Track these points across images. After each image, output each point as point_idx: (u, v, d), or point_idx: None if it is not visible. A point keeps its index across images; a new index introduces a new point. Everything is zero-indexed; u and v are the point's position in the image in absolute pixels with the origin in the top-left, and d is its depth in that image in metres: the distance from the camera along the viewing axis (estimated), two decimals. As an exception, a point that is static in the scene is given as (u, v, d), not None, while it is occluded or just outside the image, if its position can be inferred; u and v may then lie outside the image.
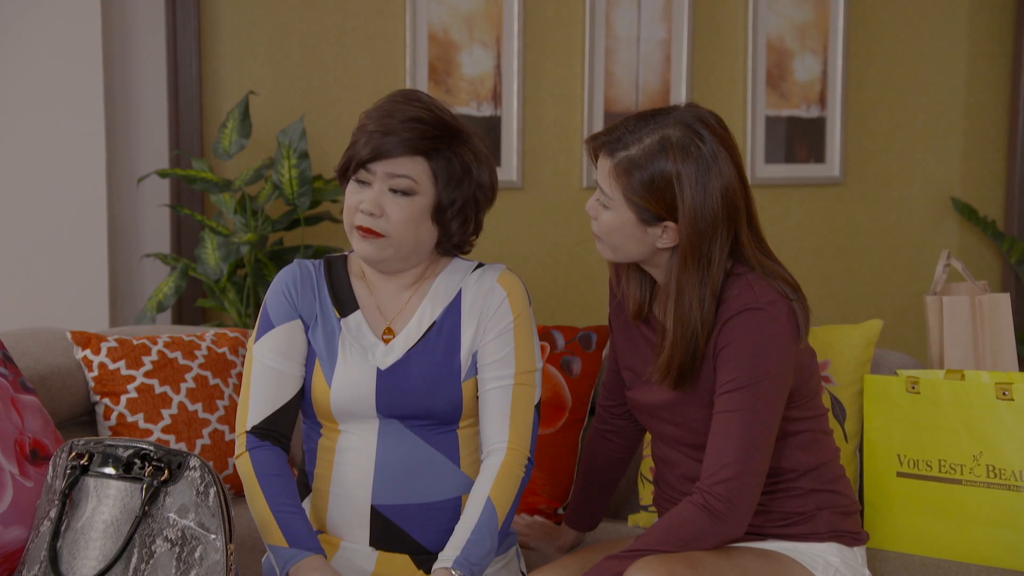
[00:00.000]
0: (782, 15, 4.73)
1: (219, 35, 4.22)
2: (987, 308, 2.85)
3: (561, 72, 4.54)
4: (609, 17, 4.55)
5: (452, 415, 2.41)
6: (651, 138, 2.26)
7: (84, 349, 2.97)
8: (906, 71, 4.92)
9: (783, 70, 4.75)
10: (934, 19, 4.93)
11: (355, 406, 2.40)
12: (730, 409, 2.25)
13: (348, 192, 2.41)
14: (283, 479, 2.39)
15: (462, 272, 2.48)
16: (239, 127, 3.94)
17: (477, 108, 4.44)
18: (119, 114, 4.12)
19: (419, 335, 2.42)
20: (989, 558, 2.67)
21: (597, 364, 3.05)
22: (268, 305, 2.46)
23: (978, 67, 4.97)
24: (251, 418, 2.42)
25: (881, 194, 4.94)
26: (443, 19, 4.40)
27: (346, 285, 2.48)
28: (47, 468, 2.56)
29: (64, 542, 2.33)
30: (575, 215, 4.59)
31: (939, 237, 5.00)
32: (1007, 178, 5.01)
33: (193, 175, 3.89)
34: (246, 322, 3.97)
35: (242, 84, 4.24)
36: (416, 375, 2.39)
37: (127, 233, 4.17)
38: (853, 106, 4.86)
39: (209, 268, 3.90)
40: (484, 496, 2.35)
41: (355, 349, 2.42)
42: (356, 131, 2.39)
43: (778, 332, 2.27)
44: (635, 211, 2.29)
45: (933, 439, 2.72)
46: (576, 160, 4.58)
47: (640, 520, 2.96)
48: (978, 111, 5.00)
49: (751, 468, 2.24)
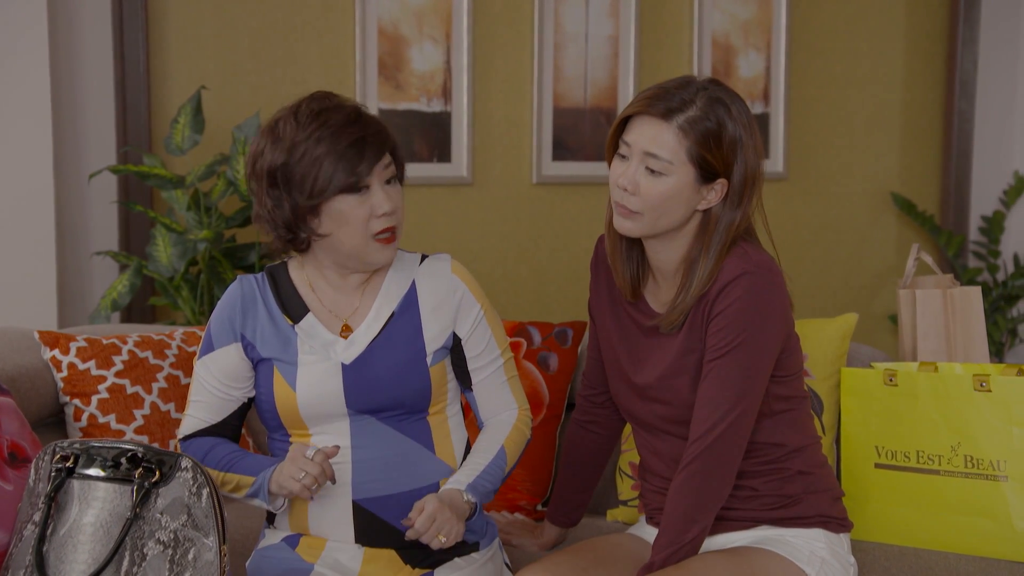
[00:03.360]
0: (727, 12, 4.77)
1: (166, 30, 4.16)
2: (959, 301, 2.90)
3: (510, 67, 4.54)
4: (558, 13, 4.55)
5: (422, 403, 2.43)
6: (702, 100, 2.33)
7: (52, 349, 2.91)
8: (846, 68, 4.99)
9: (728, 67, 4.79)
10: (873, 18, 5.00)
11: (324, 405, 2.39)
12: (724, 365, 2.32)
13: (356, 203, 2.36)
14: (220, 445, 2.47)
15: (410, 265, 2.51)
16: (191, 122, 3.89)
17: (427, 103, 4.43)
18: (66, 110, 4.04)
19: (379, 327, 2.43)
20: (967, 547, 2.72)
21: (574, 360, 3.05)
22: (211, 326, 2.49)
23: (914, 65, 5.06)
24: (184, 431, 2.52)
25: (823, 189, 5.00)
26: (393, 14, 4.37)
27: (292, 292, 2.48)
28: (26, 471, 2.50)
29: (51, 546, 2.28)
30: (525, 210, 4.59)
31: (878, 232, 5.08)
32: (942, 174, 5.10)
33: (146, 171, 3.83)
34: (199, 320, 3.92)
35: (190, 79, 4.18)
36: (382, 366, 2.41)
37: (75, 231, 4.10)
38: (796, 102, 4.92)
39: (161, 266, 3.85)
40: (499, 443, 2.47)
41: (314, 350, 2.42)
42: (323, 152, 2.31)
43: (773, 297, 2.34)
44: (697, 168, 2.33)
45: (911, 431, 2.77)
46: (526, 155, 4.58)
47: (619, 515, 2.97)
48: (914, 108, 5.08)
49: (742, 415, 2.32)
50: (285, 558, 2.41)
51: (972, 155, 5.07)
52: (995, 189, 5.13)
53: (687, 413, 2.40)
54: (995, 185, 5.13)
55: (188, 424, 2.51)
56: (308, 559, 2.40)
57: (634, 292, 2.50)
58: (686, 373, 2.40)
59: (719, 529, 2.45)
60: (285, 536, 2.46)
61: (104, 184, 4.12)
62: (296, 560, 2.40)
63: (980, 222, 5.12)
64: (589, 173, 4.65)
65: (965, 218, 5.11)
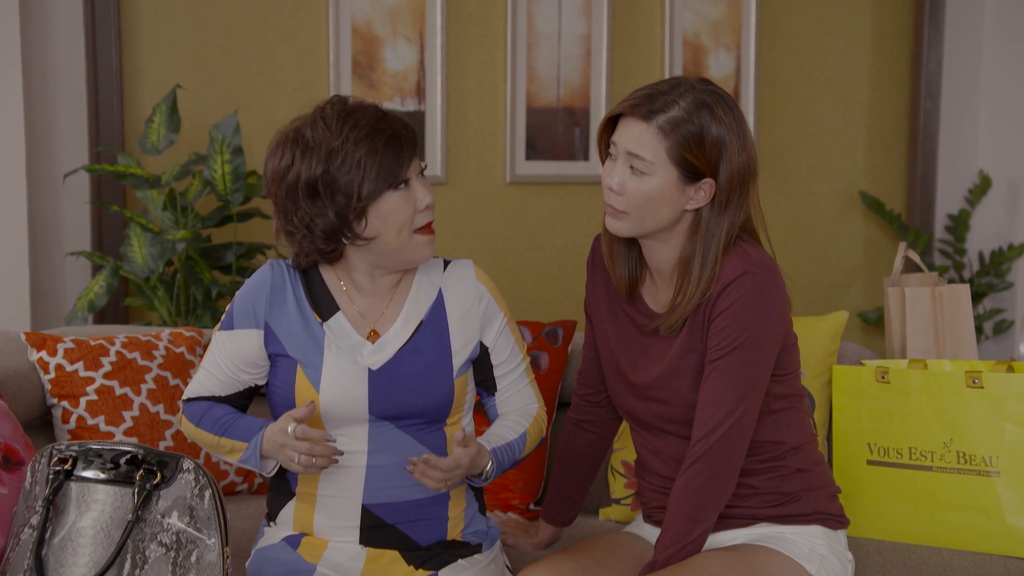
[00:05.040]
0: (697, 12, 4.79)
1: (139, 28, 4.13)
2: (947, 298, 2.93)
3: (484, 67, 4.54)
4: (530, 12, 4.56)
5: (442, 412, 2.42)
6: (686, 100, 2.33)
7: (39, 351, 2.88)
8: (814, 68, 5.02)
9: (699, 66, 4.81)
10: (840, 19, 5.04)
11: (346, 408, 2.37)
12: (727, 364, 2.33)
13: (401, 199, 2.35)
14: (215, 407, 2.43)
15: (435, 270, 2.50)
16: (167, 121, 3.86)
17: (401, 103, 4.42)
18: (38, 110, 4.00)
19: (408, 335, 2.41)
20: (960, 542, 2.75)
21: (564, 359, 3.06)
22: (235, 304, 2.44)
23: (881, 65, 5.10)
24: (188, 393, 2.48)
25: (792, 188, 5.03)
26: (366, 13, 4.36)
27: (323, 289, 2.45)
28: (20, 474, 2.48)
29: (50, 549, 2.26)
30: (499, 210, 4.59)
31: (847, 230, 5.12)
32: (909, 173, 5.15)
33: (123, 171, 3.79)
34: (176, 321, 3.89)
35: (163, 78, 4.15)
36: (409, 374, 2.39)
37: (47, 232, 4.05)
38: (765, 101, 4.95)
39: (136, 266, 3.81)
40: (523, 427, 2.49)
41: (341, 351, 2.39)
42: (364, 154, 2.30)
43: (774, 296, 2.35)
44: (679, 168, 2.33)
45: (903, 427, 2.79)
46: (499, 155, 4.58)
47: (612, 513, 2.97)
48: (881, 108, 5.12)
49: (745, 414, 2.33)
50: (286, 559, 2.40)
51: (938, 154, 5.12)
52: (960, 188, 5.18)
53: (686, 412, 2.41)
54: (960, 184, 5.18)
55: (193, 388, 2.47)
56: (310, 560, 2.38)
57: (631, 292, 2.50)
58: (686, 373, 2.41)
59: (719, 527, 2.45)
60: (286, 536, 2.44)
61: (75, 184, 4.08)
62: (297, 561, 2.39)
63: (946, 220, 5.17)
64: (562, 172, 4.65)
65: (931, 217, 5.15)
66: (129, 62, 4.11)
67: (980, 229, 5.19)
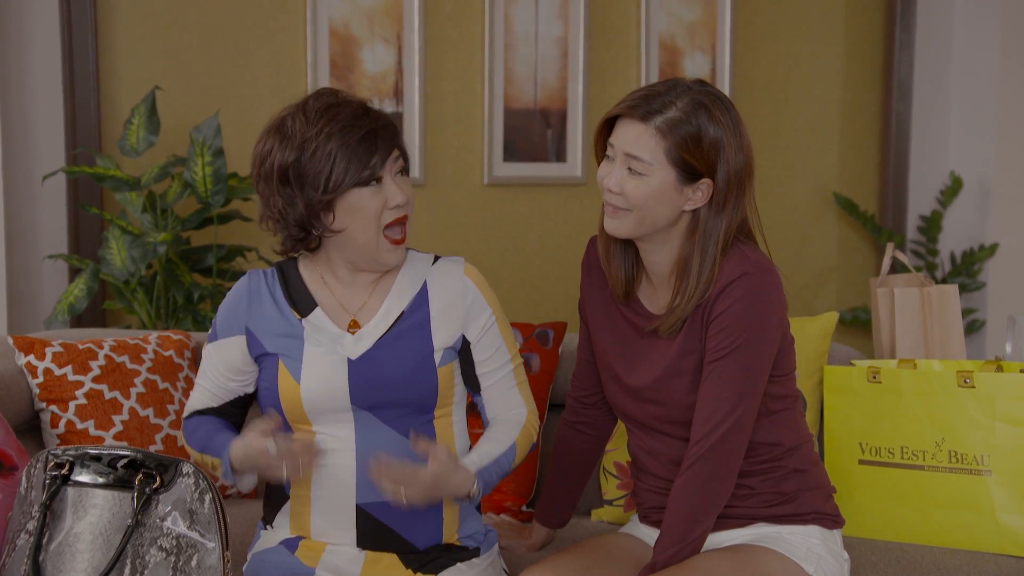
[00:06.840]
0: (673, 14, 4.80)
1: (115, 29, 4.10)
2: (936, 299, 2.95)
3: (461, 68, 4.53)
4: (508, 14, 4.55)
5: (428, 402, 2.41)
6: (683, 101, 2.34)
7: (27, 355, 2.85)
8: (787, 70, 5.04)
9: (675, 68, 4.82)
10: (812, 21, 5.06)
11: (328, 399, 2.37)
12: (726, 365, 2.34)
13: (370, 196, 2.35)
14: (203, 424, 2.46)
15: (422, 265, 2.50)
16: (146, 123, 3.83)
17: (379, 104, 4.40)
18: (14, 111, 3.96)
19: (388, 325, 2.42)
20: (952, 540, 2.77)
21: (555, 361, 3.06)
22: (218, 316, 2.49)
23: (853, 67, 5.13)
24: (187, 409, 2.53)
25: (766, 189, 5.04)
26: (344, 14, 4.35)
27: (301, 286, 2.45)
28: (14, 479, 2.45)
29: (47, 555, 2.24)
30: (477, 211, 4.59)
31: (820, 231, 5.14)
32: (881, 174, 5.18)
33: (102, 173, 3.76)
34: (156, 324, 3.86)
35: (140, 80, 4.12)
36: (389, 363, 2.39)
37: (24, 234, 4.01)
38: (740, 103, 4.95)
39: (115, 269, 3.78)
40: (511, 438, 2.45)
41: (321, 343, 2.40)
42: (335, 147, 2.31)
43: (773, 297, 2.37)
44: (677, 169, 2.34)
45: (895, 427, 2.81)
46: (477, 156, 4.57)
47: (604, 515, 2.97)
48: (853, 109, 5.16)
49: (744, 414, 2.34)
50: (284, 562, 2.39)
51: (910, 156, 5.16)
52: (932, 189, 5.22)
53: (684, 414, 2.42)
54: (932, 185, 5.22)
55: (190, 404, 2.52)
56: (308, 563, 2.38)
57: (627, 293, 2.51)
58: (684, 374, 2.41)
59: (716, 527, 2.46)
60: (283, 539, 2.43)
61: (52, 186, 4.04)
62: (295, 564, 2.38)
63: (919, 221, 5.21)
64: (540, 174, 4.65)
65: (903, 218, 5.19)
66: (106, 63, 4.08)
67: (951, 230, 5.22)
